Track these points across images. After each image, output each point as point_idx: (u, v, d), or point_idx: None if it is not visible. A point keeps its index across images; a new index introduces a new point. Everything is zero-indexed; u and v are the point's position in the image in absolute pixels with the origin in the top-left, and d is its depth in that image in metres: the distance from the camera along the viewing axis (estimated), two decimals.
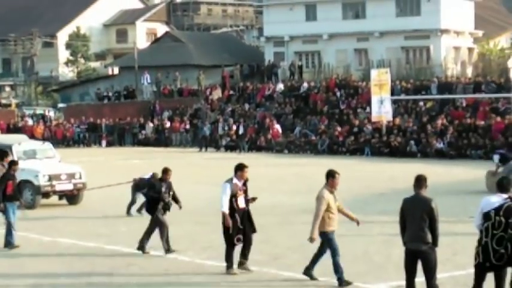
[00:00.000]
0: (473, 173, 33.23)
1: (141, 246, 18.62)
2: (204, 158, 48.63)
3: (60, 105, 74.24)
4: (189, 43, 74.64)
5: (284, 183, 33.29)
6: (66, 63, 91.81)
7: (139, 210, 24.36)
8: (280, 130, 53.06)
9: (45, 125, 63.84)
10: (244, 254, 16.47)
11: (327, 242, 15.40)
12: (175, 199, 19.18)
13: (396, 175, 34.49)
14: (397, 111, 50.12)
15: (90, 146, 59.74)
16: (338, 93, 56.45)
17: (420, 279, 13.21)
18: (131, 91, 66.80)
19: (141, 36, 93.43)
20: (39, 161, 27.74)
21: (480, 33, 67.34)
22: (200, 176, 35.36)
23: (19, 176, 24.55)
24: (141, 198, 23.96)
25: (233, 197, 16.19)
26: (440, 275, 14.31)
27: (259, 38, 76.83)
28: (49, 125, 63.79)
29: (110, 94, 67.85)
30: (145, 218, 22.01)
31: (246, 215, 16.45)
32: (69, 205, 27.64)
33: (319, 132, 51.26)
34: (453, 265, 16.55)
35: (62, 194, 27.56)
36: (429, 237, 12.72)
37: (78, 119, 62.52)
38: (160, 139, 58.78)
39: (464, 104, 50.14)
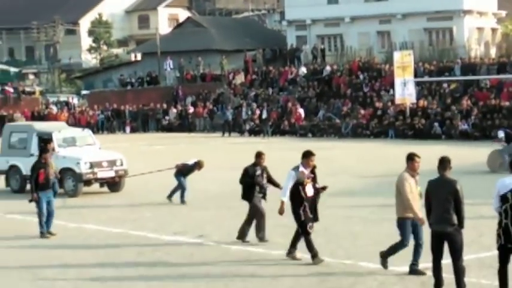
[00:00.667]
0: None
1: (242, 235, 18.11)
2: (228, 143, 48.61)
3: (84, 92, 74.42)
4: (211, 28, 74.55)
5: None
6: (89, 50, 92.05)
7: (169, 197, 24.29)
8: (303, 114, 53.02)
9: (69, 112, 64.03)
10: (295, 244, 16.16)
11: (400, 228, 14.91)
12: (273, 182, 18.61)
13: (421, 157, 34.33)
14: (421, 93, 50.02)
15: (114, 132, 59.89)
16: (361, 76, 56.38)
17: (447, 260, 13.20)
18: (154, 77, 66.89)
19: (163, 21, 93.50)
20: (80, 148, 27.57)
21: (503, 13, 66.89)
22: (224, 161, 35.34)
23: (60, 164, 24.99)
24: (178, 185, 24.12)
25: (300, 185, 15.84)
26: (466, 257, 14.30)
27: (281, 21, 76.70)
28: (73, 112, 63.99)
29: (133, 80, 67.95)
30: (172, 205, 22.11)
31: (314, 204, 16.14)
32: (111, 192, 27.50)
33: (343, 115, 51.27)
34: (479, 246, 16.53)
35: (104, 182, 27.40)
36: (455, 218, 12.72)
37: (101, 106, 62.71)
38: (184, 124, 58.85)
39: (488, 85, 49.95)
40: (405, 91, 47.26)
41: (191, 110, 59.65)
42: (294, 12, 68.62)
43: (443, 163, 12.94)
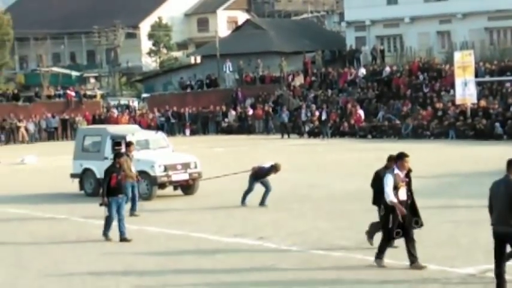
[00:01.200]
0: None
1: (370, 235, 17.39)
2: (287, 145, 48.61)
3: (144, 95, 75.07)
4: (270, 30, 74.72)
5: (368, 168, 33.01)
6: (149, 54, 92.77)
7: (261, 203, 23.90)
8: (363, 115, 52.87)
9: (129, 115, 64.57)
10: (411, 253, 15.18)
11: None
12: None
13: (482, 158, 34.09)
14: (482, 94, 49.55)
15: (174, 134, 60.18)
16: (421, 77, 56.06)
17: (510, 263, 13.06)
18: (213, 79, 67.12)
19: (222, 24, 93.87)
20: (154, 151, 27.40)
21: None
22: (283, 163, 35.31)
23: (135, 167, 24.76)
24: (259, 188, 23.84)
25: (394, 189, 15.07)
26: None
27: (340, 23, 76.75)
28: (133, 115, 64.53)
29: (193, 83, 68.25)
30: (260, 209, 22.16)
31: (409, 209, 15.33)
32: (185, 195, 27.21)
33: (403, 116, 51.03)
34: None
35: (178, 185, 27.10)
36: None
37: (161, 108, 63.12)
38: (243, 126, 59.00)
39: None
40: (466, 91, 46.88)
41: (250, 112, 59.77)
42: (353, 13, 68.53)
43: (510, 165, 12.79)
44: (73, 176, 28.45)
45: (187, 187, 27.09)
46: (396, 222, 15.01)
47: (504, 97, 49.36)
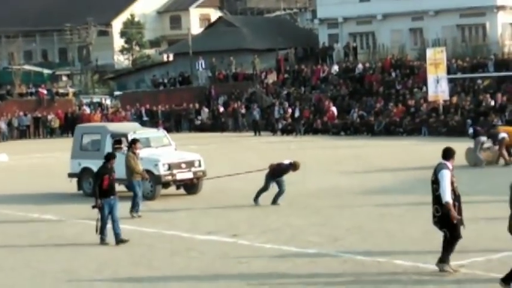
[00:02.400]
0: None
1: None
2: (260, 142, 48.64)
3: (117, 93, 74.86)
4: (242, 27, 74.72)
5: (341, 165, 33.21)
6: (121, 51, 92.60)
7: (273, 202, 23.38)
8: (336, 112, 52.97)
9: (102, 113, 64.37)
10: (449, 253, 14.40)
11: None
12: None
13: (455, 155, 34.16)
14: (454, 90, 49.77)
15: None
16: (393, 74, 56.30)
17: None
18: (186, 77, 67.12)
19: (195, 22, 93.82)
20: (156, 150, 26.64)
21: None
22: (257, 161, 35.34)
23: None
24: (274, 188, 23.37)
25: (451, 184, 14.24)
26: (501, 254, 14.26)
27: (312, 20, 76.74)
28: (106, 113, 64.32)
29: (165, 81, 68.19)
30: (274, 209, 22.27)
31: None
32: (190, 194, 26.46)
33: (375, 113, 51.16)
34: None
35: (181, 184, 26.31)
36: None
37: (134, 106, 62.97)
38: (216, 124, 58.92)
39: None
40: (438, 88, 47.09)
41: (223, 109, 59.76)
42: (326, 10, 68.63)
43: None
44: (71, 175, 27.59)
45: (191, 186, 26.41)
46: (459, 218, 14.18)
47: (476, 94, 49.61)
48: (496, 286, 13.36)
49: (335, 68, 60.42)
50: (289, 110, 54.94)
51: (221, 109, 59.77)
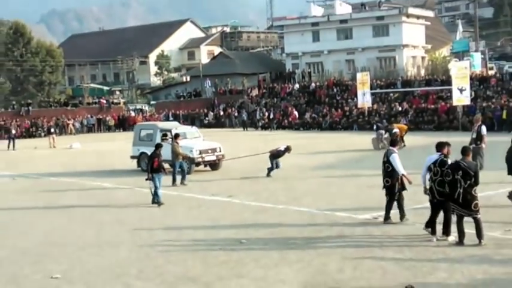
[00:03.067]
0: (427, 140, 32.95)
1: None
2: (247, 135, 48.61)
3: (152, 102, 74.60)
4: (236, 59, 74.63)
5: (301, 149, 33.19)
6: (155, 75, 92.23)
7: (268, 174, 22.98)
8: (297, 115, 52.96)
9: (142, 115, 64.13)
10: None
11: None
12: None
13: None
14: (375, 100, 49.81)
15: None
16: (335, 89, 56.26)
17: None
18: (198, 92, 66.96)
19: (204, 55, 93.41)
20: (190, 140, 25.80)
21: (429, 46, 66.78)
22: (245, 146, 35.35)
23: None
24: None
25: None
26: (405, 208, 14.32)
27: (282, 54, 76.65)
28: (145, 116, 64.05)
29: (185, 94, 68.07)
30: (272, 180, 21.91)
31: None
32: (212, 171, 25.72)
33: (323, 115, 51.15)
34: (413, 201, 16.47)
35: (208, 163, 25.64)
36: None
37: (164, 111, 62.78)
38: (218, 123, 58.79)
39: (419, 94, 49.76)
40: (364, 99, 47.14)
41: (222, 113, 59.64)
42: (290, 47, 68.73)
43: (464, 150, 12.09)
44: (132, 157, 27.12)
45: (214, 165, 25.79)
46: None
47: (389, 103, 49.71)
48: (401, 225, 13.43)
49: (296, 85, 60.38)
50: (266, 114, 54.89)
51: (221, 113, 59.64)
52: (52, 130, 46.49)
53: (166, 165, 20.31)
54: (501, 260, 10.91)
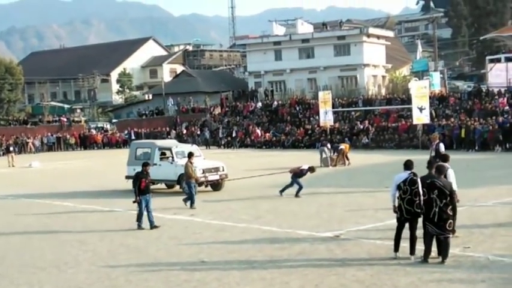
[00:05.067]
0: (388, 158, 33.37)
1: None
2: (210, 153, 48.32)
3: (114, 120, 74.04)
4: (198, 77, 74.68)
5: (263, 167, 33.24)
6: (117, 93, 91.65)
7: (296, 195, 21.68)
8: (259, 133, 53.06)
9: (104, 134, 63.59)
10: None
11: None
12: None
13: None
14: (336, 119, 50.17)
15: None
16: (297, 108, 56.55)
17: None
18: (160, 110, 66.72)
19: (166, 73, 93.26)
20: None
21: (390, 65, 67.73)
22: None
23: (180, 170, 23.02)
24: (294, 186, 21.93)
25: None
26: (366, 226, 14.39)
27: (244, 72, 76.95)
28: (106, 134, 63.54)
29: (147, 112, 67.74)
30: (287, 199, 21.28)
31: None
32: (214, 191, 24.32)
33: (285, 134, 51.35)
34: (375, 219, 16.59)
35: (211, 183, 24.20)
36: None
37: (125, 129, 62.33)
38: (181, 141, 58.21)
39: (380, 113, 50.31)
40: (326, 117, 47.36)
41: (185, 131, 59.45)
42: (253, 66, 69.02)
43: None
44: (128, 177, 24.92)
45: (216, 185, 24.35)
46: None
47: (350, 121, 50.15)
48: (362, 243, 13.51)
49: (259, 104, 60.57)
50: (229, 132, 54.89)
51: (184, 131, 59.44)
52: (11, 149, 45.84)
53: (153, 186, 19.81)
54: (460, 278, 11.03)
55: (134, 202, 17.09)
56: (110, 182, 29.03)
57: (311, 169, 22.27)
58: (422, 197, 11.98)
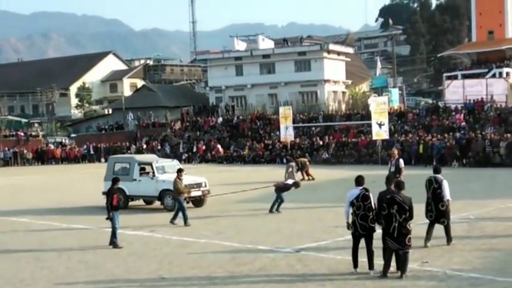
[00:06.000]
0: (348, 173, 33.54)
1: None
2: None
3: (73, 135, 73.09)
4: (159, 92, 74.30)
5: (223, 183, 33.15)
6: (76, 107, 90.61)
7: (276, 210, 21.40)
8: (220, 148, 53.00)
9: (62, 148, 62.72)
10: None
11: None
12: None
13: (298, 177, 34.59)
14: (297, 134, 50.45)
15: (93, 162, 58.74)
16: (258, 123, 56.70)
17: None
18: (120, 125, 66.13)
19: (127, 87, 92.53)
20: (173, 174, 22.32)
21: (349, 81, 68.44)
22: None
23: (161, 186, 22.65)
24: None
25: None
26: (327, 241, 14.43)
27: (205, 87, 76.79)
28: (65, 149, 62.67)
29: (106, 127, 67.06)
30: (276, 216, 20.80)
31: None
32: (195, 208, 23.34)
33: (246, 149, 51.37)
34: (336, 234, 16.67)
35: (193, 199, 23.25)
36: None
37: (84, 144, 61.60)
38: None
39: (340, 128, 50.74)
40: (287, 133, 47.60)
41: (145, 146, 59.01)
42: (214, 81, 68.97)
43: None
44: (105, 193, 25.01)
45: (198, 201, 23.55)
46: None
47: (311, 136, 50.44)
48: (323, 258, 13.53)
49: (220, 119, 60.55)
50: (190, 147, 54.69)
51: (144, 146, 58.96)
52: None
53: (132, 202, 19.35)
54: None
55: (107, 219, 16.65)
56: (69, 197, 28.63)
57: (296, 184, 22.03)
58: (376, 212, 12.14)
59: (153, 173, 23.67)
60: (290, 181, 21.89)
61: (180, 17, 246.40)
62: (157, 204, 24.24)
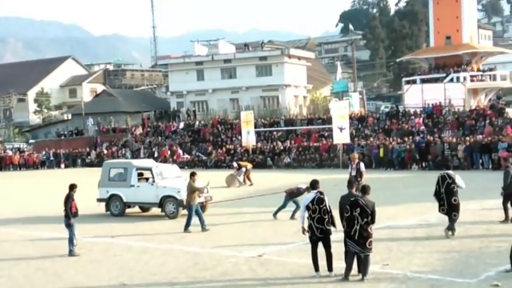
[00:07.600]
0: (309, 177, 33.59)
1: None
2: None
3: (31, 141, 72.05)
4: (119, 97, 73.77)
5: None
6: (35, 112, 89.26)
7: (292, 217, 20.21)
8: (182, 153, 52.79)
9: (20, 154, 61.76)
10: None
11: None
12: None
13: (259, 181, 34.67)
14: (259, 139, 50.60)
15: (52, 168, 57.98)
16: (220, 128, 56.68)
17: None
18: (80, 130, 65.49)
19: (86, 93, 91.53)
20: (173, 180, 22.81)
21: (311, 86, 68.84)
22: None
23: (162, 192, 22.00)
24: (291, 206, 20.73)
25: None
26: (289, 245, 14.43)
27: (166, 92, 76.57)
28: (23, 155, 61.73)
29: (66, 132, 66.32)
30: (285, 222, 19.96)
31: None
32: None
33: (208, 154, 51.29)
34: (298, 238, 16.68)
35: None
36: None
37: (43, 150, 60.77)
38: (101, 162, 57.11)
39: (302, 132, 50.99)
40: (248, 137, 47.75)
41: (105, 152, 58.48)
42: (175, 86, 68.67)
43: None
44: (99, 200, 23.76)
45: (201, 208, 21.58)
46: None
47: (272, 141, 50.59)
48: (285, 262, 13.55)
49: (181, 124, 60.36)
50: (151, 152, 54.34)
51: (105, 151, 58.45)
52: None
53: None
54: None
55: (67, 226, 16.27)
56: (28, 204, 28.13)
57: (309, 189, 21.49)
58: (331, 214, 12.27)
59: (153, 178, 22.73)
60: (303, 185, 19.92)
61: (141, 22, 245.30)
62: (153, 211, 23.49)
